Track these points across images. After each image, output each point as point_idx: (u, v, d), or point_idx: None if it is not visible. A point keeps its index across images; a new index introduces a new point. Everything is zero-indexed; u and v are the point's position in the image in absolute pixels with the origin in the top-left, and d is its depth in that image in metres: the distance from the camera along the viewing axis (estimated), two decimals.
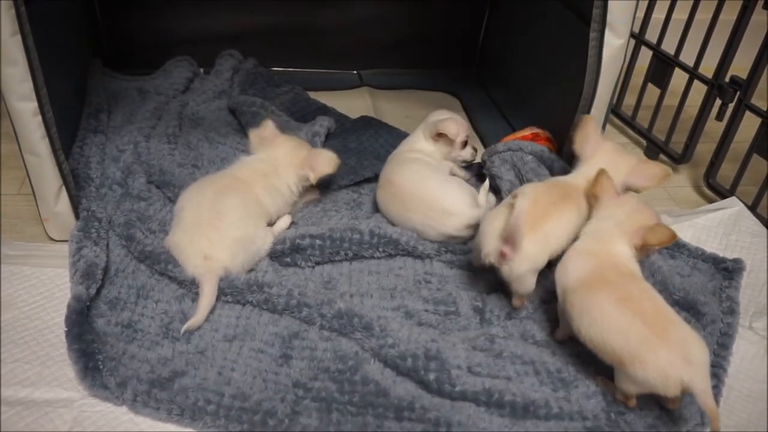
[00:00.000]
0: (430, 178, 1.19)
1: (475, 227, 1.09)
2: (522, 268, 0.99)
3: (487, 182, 1.18)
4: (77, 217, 1.14)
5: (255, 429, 0.86)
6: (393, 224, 1.20)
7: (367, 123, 1.54)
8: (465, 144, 1.30)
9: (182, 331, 0.97)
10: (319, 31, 1.80)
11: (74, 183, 1.15)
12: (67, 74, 1.34)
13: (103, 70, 1.61)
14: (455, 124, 1.26)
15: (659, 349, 0.84)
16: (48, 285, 1.06)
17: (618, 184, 1.06)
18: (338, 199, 1.29)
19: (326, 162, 1.19)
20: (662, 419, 0.90)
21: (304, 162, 1.19)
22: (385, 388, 0.92)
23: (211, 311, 1.02)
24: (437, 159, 1.28)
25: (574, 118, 1.22)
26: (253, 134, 1.23)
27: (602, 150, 1.12)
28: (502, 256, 0.98)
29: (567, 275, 0.94)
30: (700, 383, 0.83)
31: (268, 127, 1.22)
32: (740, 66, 1.42)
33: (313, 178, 1.19)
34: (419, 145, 1.28)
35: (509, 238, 0.97)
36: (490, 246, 1.00)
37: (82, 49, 1.54)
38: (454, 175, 1.30)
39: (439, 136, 1.26)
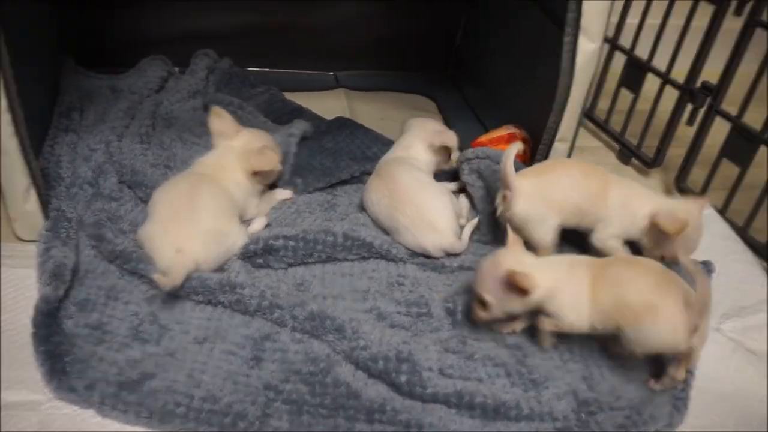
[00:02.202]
0: (431, 189, 1.19)
1: (447, 253, 1.15)
2: (518, 207, 1.06)
3: (476, 220, 1.21)
4: (46, 216, 1.13)
5: (225, 431, 0.86)
6: (372, 216, 1.20)
7: (343, 124, 1.54)
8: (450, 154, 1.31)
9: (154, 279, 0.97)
10: (295, 31, 1.79)
11: (44, 182, 1.14)
12: (38, 72, 1.32)
13: (76, 68, 1.59)
14: (456, 137, 1.28)
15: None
16: (16, 286, 1.04)
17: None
18: (312, 201, 1.29)
19: (265, 160, 1.17)
20: (632, 419, 0.91)
21: (249, 155, 1.17)
22: (357, 391, 0.91)
23: (182, 312, 1.01)
24: (429, 168, 1.29)
25: (548, 121, 1.23)
26: (211, 126, 1.21)
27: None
28: (505, 199, 1.07)
29: None
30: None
31: (224, 117, 1.21)
32: (711, 72, 1.44)
33: (248, 171, 1.17)
34: (414, 152, 1.28)
35: (504, 182, 1.07)
36: (498, 198, 1.09)
37: (54, 47, 1.52)
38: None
39: (441, 148, 1.28)
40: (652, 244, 1.09)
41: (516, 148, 1.06)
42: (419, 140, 1.29)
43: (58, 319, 0.97)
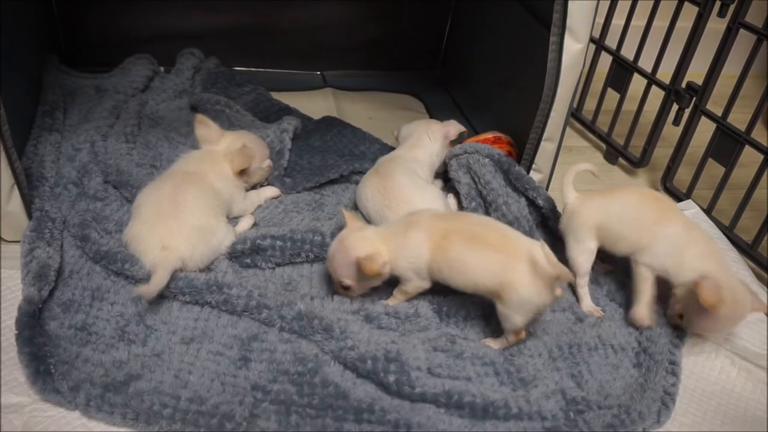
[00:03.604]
0: (426, 191, 1.20)
1: None
2: (561, 222, 1.14)
3: None
4: (30, 217, 1.11)
5: None
6: (363, 212, 1.21)
7: (330, 123, 1.54)
8: None
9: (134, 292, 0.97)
10: (282, 31, 1.79)
11: (27, 182, 1.12)
12: (20, 70, 1.30)
13: (60, 67, 1.57)
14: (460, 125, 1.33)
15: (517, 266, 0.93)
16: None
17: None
18: (300, 200, 1.28)
19: (243, 158, 1.17)
20: (620, 418, 0.91)
21: (231, 156, 1.18)
22: (345, 391, 0.91)
23: (169, 312, 1.00)
24: (434, 167, 1.31)
25: (534, 120, 1.23)
26: (197, 134, 1.22)
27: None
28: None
29: None
30: (563, 269, 0.93)
31: (209, 125, 1.21)
32: (696, 72, 1.45)
33: (234, 172, 1.18)
34: (421, 152, 1.29)
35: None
36: None
37: (38, 45, 1.50)
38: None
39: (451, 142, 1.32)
40: (681, 302, 1.03)
41: (582, 167, 1.11)
42: (431, 137, 1.30)
43: (42, 320, 0.96)
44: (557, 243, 1.14)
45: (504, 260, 0.95)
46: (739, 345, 1.06)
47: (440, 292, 1.07)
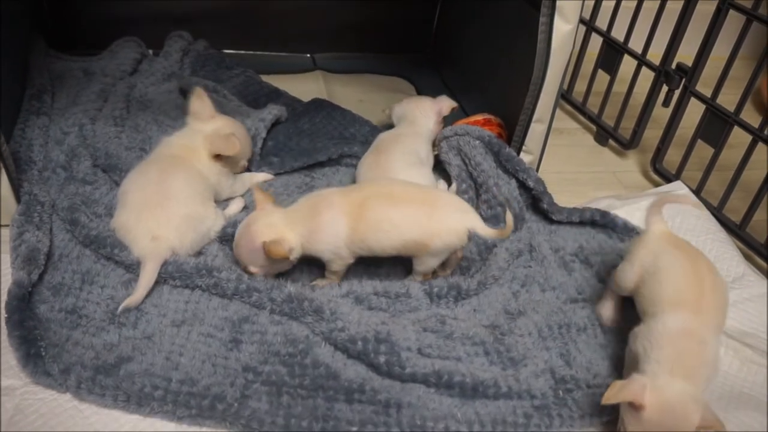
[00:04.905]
0: (412, 171, 1.19)
1: None
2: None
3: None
4: (18, 201, 1.11)
5: (203, 414, 0.85)
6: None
7: (320, 105, 1.53)
8: None
9: (119, 309, 0.96)
10: (272, 13, 1.77)
11: (15, 166, 1.12)
12: (7, 53, 1.29)
13: (47, 49, 1.55)
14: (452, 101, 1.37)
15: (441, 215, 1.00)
16: None
17: None
18: (290, 183, 1.28)
19: (227, 145, 1.14)
20: None
21: (213, 138, 1.15)
22: (336, 371, 0.91)
23: (159, 296, 1.00)
24: (430, 140, 1.32)
25: (524, 102, 1.23)
26: (190, 105, 1.19)
27: None
28: None
29: None
30: (479, 222, 1.01)
31: (205, 101, 1.19)
32: (686, 54, 1.45)
33: (210, 154, 1.14)
34: (418, 127, 1.31)
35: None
36: None
37: (25, 29, 1.49)
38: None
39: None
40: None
41: (671, 201, 1.07)
42: (424, 114, 1.31)
43: (32, 303, 0.96)
44: (547, 224, 1.14)
45: (429, 211, 1.00)
46: (727, 324, 1.07)
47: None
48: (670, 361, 0.83)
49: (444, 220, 1.01)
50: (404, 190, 1.04)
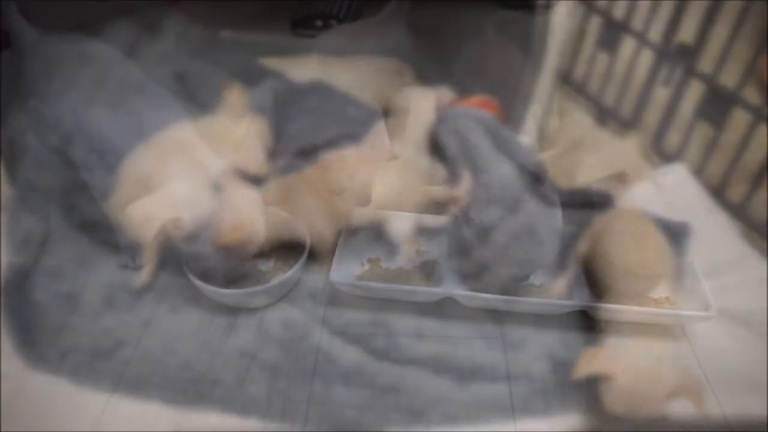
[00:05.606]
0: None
1: None
2: None
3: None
4: (13, 186, 1.10)
5: (201, 399, 0.85)
6: None
7: (318, 87, 1.51)
8: None
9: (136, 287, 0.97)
10: None
11: (9, 151, 1.11)
12: None
13: (40, 33, 1.54)
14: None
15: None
16: None
17: None
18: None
19: (255, 159, 1.12)
20: None
21: (240, 147, 1.14)
22: (333, 356, 0.91)
23: (156, 280, 1.00)
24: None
25: (522, 83, 1.22)
26: (225, 99, 1.17)
27: None
28: None
29: None
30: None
31: (240, 97, 1.18)
32: (688, 33, 1.43)
33: (232, 164, 1.10)
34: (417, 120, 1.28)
35: None
36: None
37: (16, 13, 1.47)
38: None
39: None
40: None
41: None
42: (424, 106, 1.29)
43: (28, 288, 0.95)
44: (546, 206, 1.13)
45: None
46: (727, 306, 1.07)
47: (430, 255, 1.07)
48: None
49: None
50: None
